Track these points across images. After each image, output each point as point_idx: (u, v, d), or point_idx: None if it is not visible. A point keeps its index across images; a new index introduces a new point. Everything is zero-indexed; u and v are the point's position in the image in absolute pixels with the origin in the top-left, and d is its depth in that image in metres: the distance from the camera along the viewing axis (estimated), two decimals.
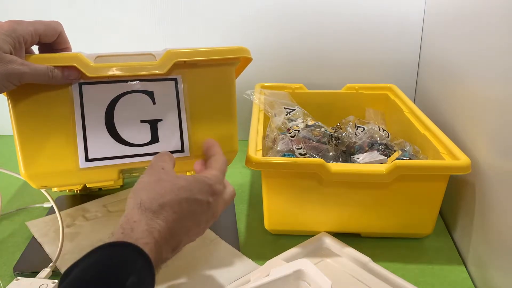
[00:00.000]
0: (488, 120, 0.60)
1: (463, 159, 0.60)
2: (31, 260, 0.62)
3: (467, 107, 0.68)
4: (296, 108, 0.83)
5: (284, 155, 0.69)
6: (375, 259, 0.60)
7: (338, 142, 0.74)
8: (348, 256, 0.62)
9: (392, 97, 0.88)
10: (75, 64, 0.52)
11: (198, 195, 0.48)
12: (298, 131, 0.74)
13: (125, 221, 0.44)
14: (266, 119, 0.80)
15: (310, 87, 0.93)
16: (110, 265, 0.39)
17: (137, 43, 0.97)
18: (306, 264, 0.51)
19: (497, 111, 0.57)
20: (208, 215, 0.49)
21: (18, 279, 0.57)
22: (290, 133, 0.74)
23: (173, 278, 0.58)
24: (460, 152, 0.62)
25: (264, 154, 0.68)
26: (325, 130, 0.76)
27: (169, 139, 0.58)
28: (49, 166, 0.55)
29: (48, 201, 0.71)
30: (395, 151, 0.71)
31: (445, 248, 0.66)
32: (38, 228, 0.70)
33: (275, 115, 0.79)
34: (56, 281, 0.55)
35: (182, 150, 0.59)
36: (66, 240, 0.65)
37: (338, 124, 0.82)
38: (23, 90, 0.52)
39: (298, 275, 0.51)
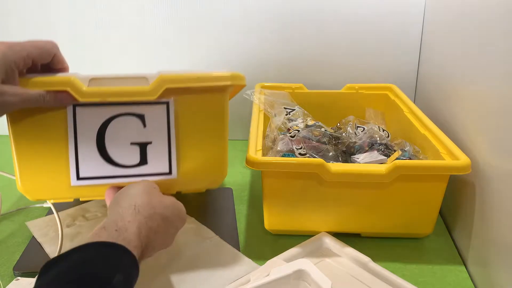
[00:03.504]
0: (488, 120, 0.60)
1: (463, 159, 0.60)
2: (31, 260, 0.62)
3: (467, 107, 0.68)
4: (296, 108, 0.83)
5: (284, 155, 0.69)
6: (375, 259, 0.60)
7: (338, 142, 0.74)
8: (348, 256, 0.62)
9: (392, 97, 0.88)
10: (68, 89, 0.53)
11: (175, 219, 0.53)
12: (298, 131, 0.74)
13: (119, 218, 0.47)
14: (266, 119, 0.80)
15: (310, 87, 0.93)
16: (98, 263, 0.41)
17: (137, 42, 0.97)
18: (306, 264, 0.51)
19: (497, 111, 0.57)
20: (172, 237, 0.54)
21: (18, 279, 0.57)
22: (290, 133, 0.74)
23: (173, 278, 0.58)
24: (460, 152, 0.62)
25: (264, 154, 0.68)
26: (325, 130, 0.76)
27: (157, 161, 0.59)
28: (43, 182, 0.58)
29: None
30: (395, 151, 0.71)
31: (445, 248, 0.66)
32: (38, 228, 0.70)
33: (275, 115, 0.79)
34: None
35: (170, 173, 0.60)
36: (66, 240, 0.65)
37: (338, 124, 0.82)
38: (21, 112, 0.54)
39: (298, 275, 0.51)
